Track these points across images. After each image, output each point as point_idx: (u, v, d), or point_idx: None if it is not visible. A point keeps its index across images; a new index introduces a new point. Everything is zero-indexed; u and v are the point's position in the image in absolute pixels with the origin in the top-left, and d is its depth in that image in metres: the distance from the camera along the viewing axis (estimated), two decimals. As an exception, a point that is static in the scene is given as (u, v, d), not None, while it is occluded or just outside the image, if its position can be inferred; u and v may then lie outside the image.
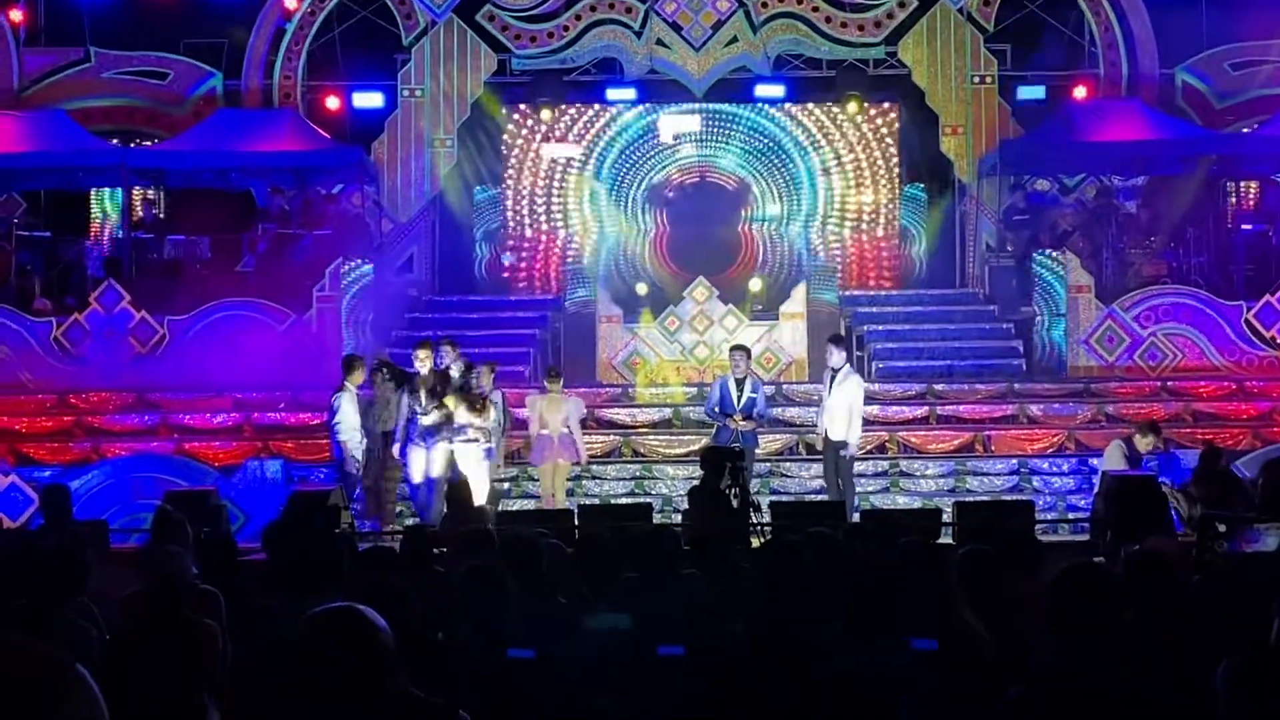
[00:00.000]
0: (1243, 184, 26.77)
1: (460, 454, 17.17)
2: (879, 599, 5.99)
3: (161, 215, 26.78)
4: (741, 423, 17.42)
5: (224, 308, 22.82)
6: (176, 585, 7.29)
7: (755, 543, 14.18)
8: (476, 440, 17.21)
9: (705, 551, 9.54)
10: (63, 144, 23.75)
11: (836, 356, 17.80)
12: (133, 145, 26.10)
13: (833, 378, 17.72)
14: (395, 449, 17.51)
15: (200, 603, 7.70)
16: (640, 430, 21.15)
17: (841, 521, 14.45)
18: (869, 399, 21.62)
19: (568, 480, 18.62)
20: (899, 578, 6.24)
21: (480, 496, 16.04)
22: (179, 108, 26.75)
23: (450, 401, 17.22)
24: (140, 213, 26.31)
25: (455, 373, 17.53)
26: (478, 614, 6.59)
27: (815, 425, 18.50)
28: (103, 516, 16.66)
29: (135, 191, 26.30)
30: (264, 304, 22.84)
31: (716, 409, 17.67)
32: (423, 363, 17.45)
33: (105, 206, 27.40)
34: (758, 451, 18.93)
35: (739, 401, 17.50)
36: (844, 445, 17.58)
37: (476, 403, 17.23)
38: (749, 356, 18.23)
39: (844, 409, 17.55)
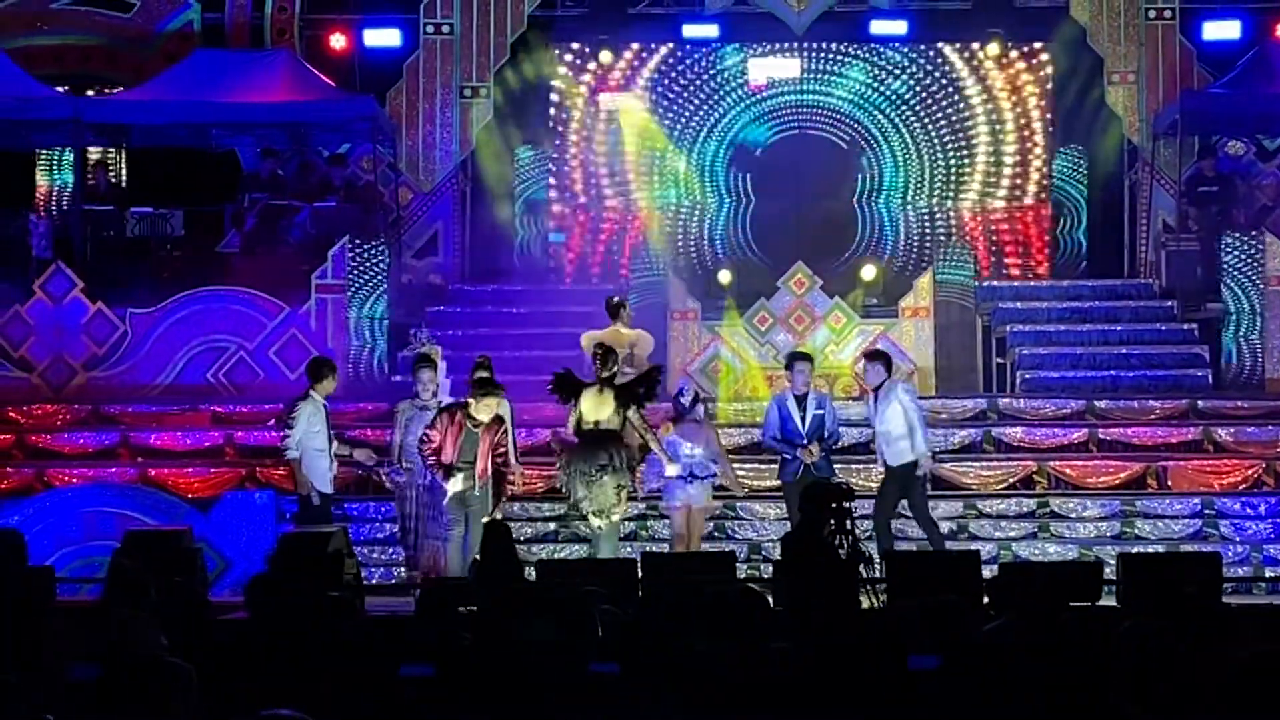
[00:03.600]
0: None
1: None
2: (1014, 689, 5.93)
3: (123, 182, 26.94)
4: (816, 451, 17.58)
5: (201, 299, 22.94)
6: (131, 660, 7.30)
7: (866, 603, 14.17)
8: None
9: (802, 617, 9.51)
10: (0, 92, 23.90)
11: (873, 373, 18.10)
12: (89, 94, 26.25)
13: (875, 397, 17.98)
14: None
15: (166, 682, 7.69)
16: (721, 457, 21.09)
17: (977, 576, 14.44)
18: (1012, 419, 21.63)
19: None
20: (1044, 661, 6.19)
21: None
22: (146, 47, 26.87)
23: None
24: (96, 179, 26.45)
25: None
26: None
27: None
28: (48, 561, 16.77)
29: (91, 152, 26.45)
30: (251, 294, 22.94)
31: (778, 437, 17.88)
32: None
33: (53, 171, 27.59)
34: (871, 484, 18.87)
35: (804, 424, 17.70)
36: (912, 467, 17.67)
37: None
38: (813, 367, 18.50)
39: (900, 427, 17.64)
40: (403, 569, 18.69)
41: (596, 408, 17.18)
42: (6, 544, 13.34)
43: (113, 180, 26.57)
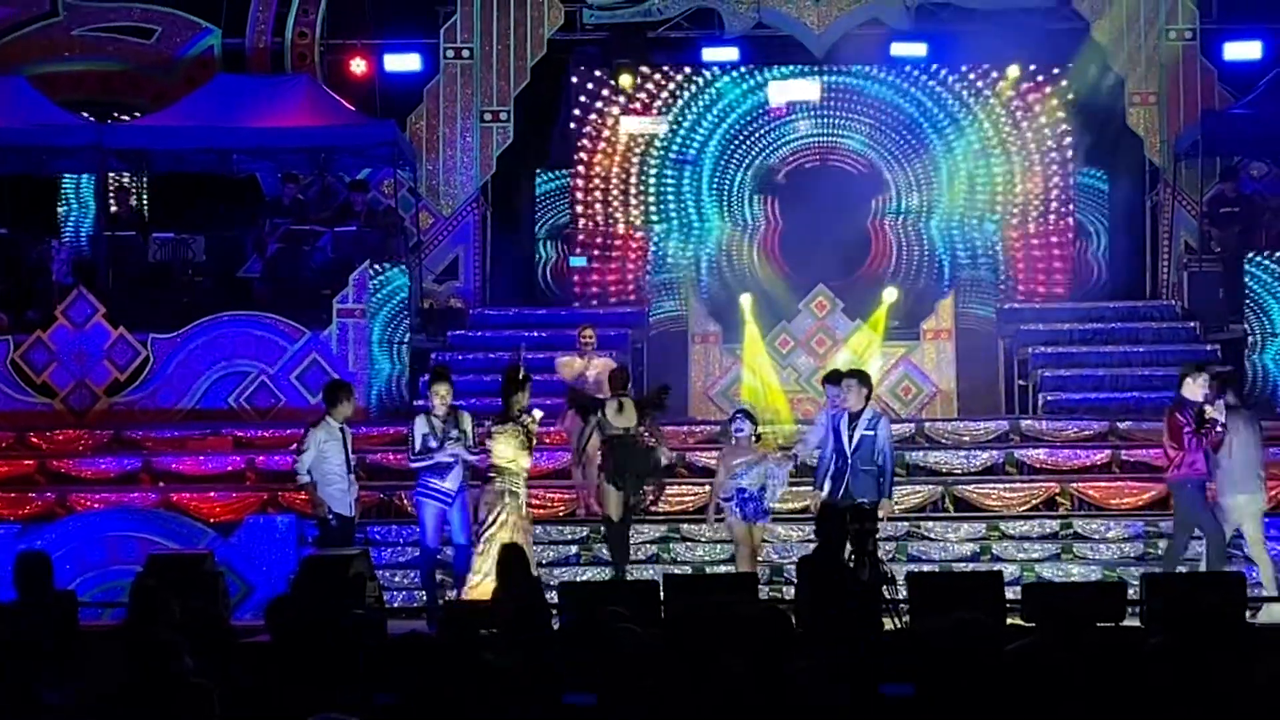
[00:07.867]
0: None
1: None
2: (1039, 709, 5.92)
3: (145, 208, 27.01)
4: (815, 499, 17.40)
5: (222, 324, 22.99)
6: (161, 680, 7.31)
7: (889, 625, 14.14)
8: None
9: (823, 637, 9.50)
10: (23, 119, 23.99)
11: (855, 395, 17.19)
12: (110, 120, 26.34)
13: (852, 422, 17.09)
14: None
15: (187, 702, 7.70)
16: (743, 480, 21.06)
17: (1000, 597, 14.43)
18: (1034, 441, 21.59)
19: None
20: (1068, 681, 6.17)
21: None
22: (168, 73, 26.97)
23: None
24: (118, 205, 26.49)
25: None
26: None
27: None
28: (70, 586, 16.78)
29: (113, 178, 26.51)
30: (272, 318, 22.99)
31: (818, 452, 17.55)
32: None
33: (75, 197, 27.66)
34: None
35: (850, 443, 17.13)
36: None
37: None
38: (855, 385, 17.49)
39: (871, 463, 17.10)
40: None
41: (623, 417, 18.18)
42: (34, 566, 13.33)
43: (134, 206, 26.65)
